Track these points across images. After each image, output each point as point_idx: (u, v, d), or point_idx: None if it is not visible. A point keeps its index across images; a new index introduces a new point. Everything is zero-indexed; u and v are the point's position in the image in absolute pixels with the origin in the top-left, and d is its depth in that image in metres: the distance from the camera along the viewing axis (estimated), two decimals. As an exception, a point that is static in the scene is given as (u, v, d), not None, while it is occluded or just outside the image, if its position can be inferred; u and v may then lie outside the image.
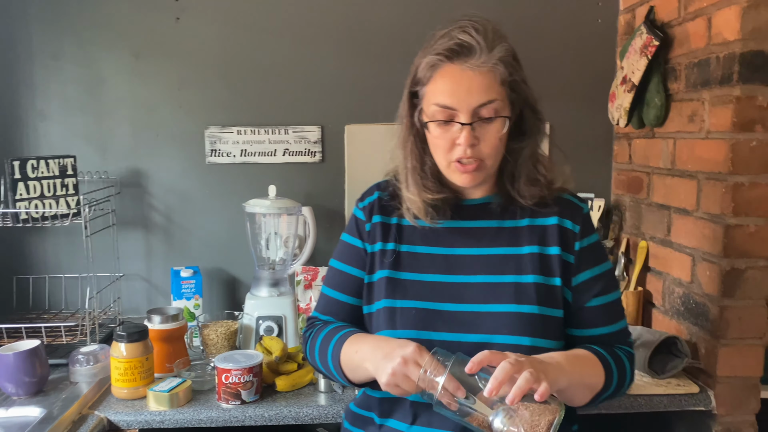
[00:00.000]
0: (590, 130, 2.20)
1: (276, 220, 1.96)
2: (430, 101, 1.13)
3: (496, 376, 0.93)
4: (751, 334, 1.56)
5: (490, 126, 1.11)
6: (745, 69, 1.48)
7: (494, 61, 1.09)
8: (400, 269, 1.20)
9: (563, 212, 1.19)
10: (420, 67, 1.14)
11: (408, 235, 1.22)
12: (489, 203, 1.22)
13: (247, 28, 2.09)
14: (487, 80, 1.09)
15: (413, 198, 1.18)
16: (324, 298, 1.30)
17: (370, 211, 1.25)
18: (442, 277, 1.17)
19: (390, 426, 1.17)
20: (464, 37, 1.09)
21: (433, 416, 1.10)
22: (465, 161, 1.12)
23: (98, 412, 1.50)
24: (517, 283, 1.15)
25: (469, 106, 1.09)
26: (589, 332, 1.20)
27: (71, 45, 2.06)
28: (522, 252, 1.17)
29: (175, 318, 1.71)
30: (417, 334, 1.12)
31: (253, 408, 1.52)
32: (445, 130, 1.12)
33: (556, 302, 1.16)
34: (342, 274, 1.27)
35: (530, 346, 1.10)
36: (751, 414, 1.59)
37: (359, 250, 1.26)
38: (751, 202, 1.52)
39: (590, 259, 1.20)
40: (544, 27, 2.14)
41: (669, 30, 1.79)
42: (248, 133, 2.12)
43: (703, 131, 1.63)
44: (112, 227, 2.03)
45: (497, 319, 1.12)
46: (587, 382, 1.11)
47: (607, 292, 1.20)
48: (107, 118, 2.09)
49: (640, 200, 2.00)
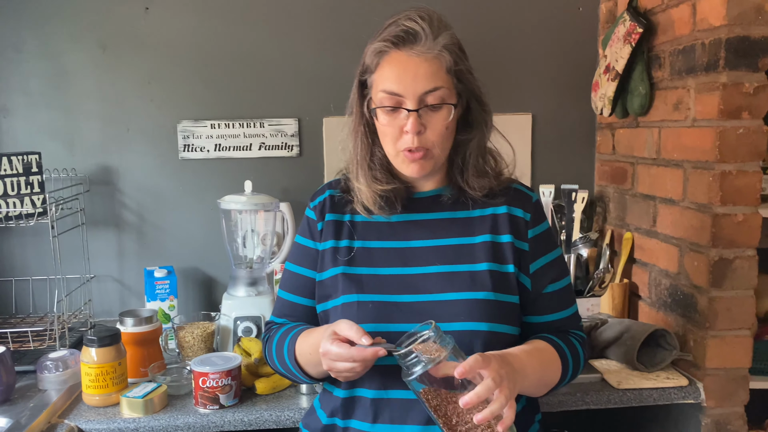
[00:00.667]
0: (572, 121, 2.17)
1: (252, 216, 1.90)
2: (377, 88, 1.14)
3: (478, 392, 0.93)
4: (740, 324, 1.54)
5: (437, 113, 1.12)
6: (732, 55, 1.46)
7: (439, 48, 1.11)
8: (355, 265, 1.20)
9: (513, 201, 1.21)
10: (367, 54, 1.15)
11: (361, 230, 1.23)
12: (440, 195, 1.23)
13: (220, 19, 2.02)
14: (433, 67, 1.10)
15: (363, 189, 1.19)
16: (279, 302, 1.31)
17: (322, 210, 1.26)
18: (397, 270, 1.18)
19: (354, 427, 1.17)
20: (410, 24, 1.11)
21: (394, 412, 1.13)
22: (413, 150, 1.13)
23: (68, 420, 1.43)
24: (472, 271, 1.16)
25: (416, 92, 1.10)
26: (546, 318, 1.23)
27: (34, 37, 1.96)
28: (475, 241, 1.19)
29: (149, 320, 1.64)
30: (375, 327, 1.13)
31: (232, 412, 1.46)
32: (393, 118, 1.13)
33: (511, 288, 1.18)
34: (296, 276, 1.27)
35: (487, 331, 1.12)
36: (740, 405, 1.57)
37: (312, 251, 1.26)
38: (739, 190, 1.49)
39: (544, 246, 1.22)
40: (525, 16, 2.11)
41: (652, 17, 1.76)
42: (222, 127, 2.05)
43: (689, 119, 1.60)
44: (81, 227, 1.95)
45: (454, 307, 1.13)
46: (546, 381, 1.15)
47: (560, 277, 1.24)
48: (74, 113, 2.00)
49: (625, 191, 1.97)
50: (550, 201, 2.11)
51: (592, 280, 1.97)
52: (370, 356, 1.02)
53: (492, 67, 2.11)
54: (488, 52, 2.11)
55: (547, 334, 1.22)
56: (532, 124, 2.15)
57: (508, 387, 0.95)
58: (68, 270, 1.95)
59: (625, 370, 1.63)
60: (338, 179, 1.29)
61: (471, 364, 0.94)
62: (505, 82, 2.13)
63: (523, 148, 2.14)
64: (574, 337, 1.24)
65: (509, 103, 2.14)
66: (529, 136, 2.15)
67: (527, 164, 2.15)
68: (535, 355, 1.13)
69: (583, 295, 1.95)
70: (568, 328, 1.25)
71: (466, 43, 2.15)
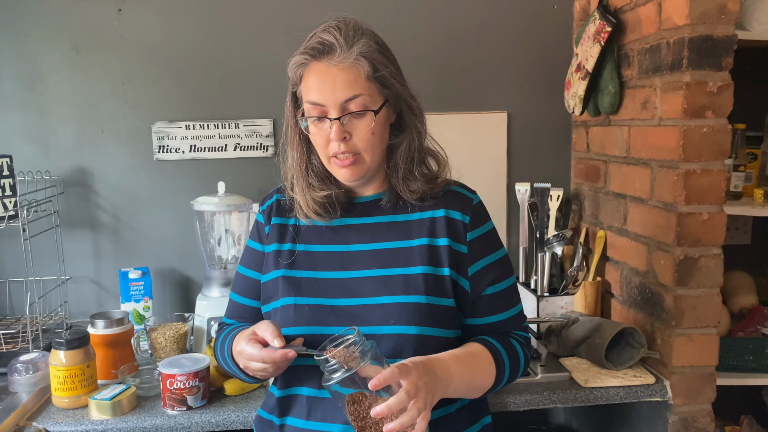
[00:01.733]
0: (548, 119, 2.17)
1: (226, 217, 1.90)
2: (304, 99, 1.17)
3: (390, 405, 0.94)
4: (706, 323, 1.55)
5: (360, 120, 1.14)
6: (695, 54, 1.46)
7: (354, 56, 1.12)
8: (295, 268, 1.22)
9: (451, 204, 1.22)
10: (290, 67, 1.18)
11: (304, 234, 1.25)
12: (379, 199, 1.25)
13: (193, 19, 2.02)
14: (351, 76, 1.12)
15: (299, 197, 1.22)
16: (230, 304, 1.34)
17: (269, 214, 1.29)
18: (336, 274, 1.20)
19: (289, 424, 1.20)
20: (325, 36, 1.13)
21: (326, 411, 1.15)
22: (341, 156, 1.16)
23: (36, 423, 1.44)
24: (406, 275, 1.17)
25: (336, 101, 1.12)
26: (485, 320, 1.23)
27: (6, 38, 1.96)
28: (412, 245, 1.20)
29: (120, 322, 1.65)
30: (310, 329, 1.16)
31: (199, 414, 1.47)
32: (320, 127, 1.16)
33: (446, 292, 1.18)
34: (245, 279, 1.30)
35: (416, 335, 1.13)
36: (707, 403, 1.58)
37: (259, 254, 1.29)
38: (703, 189, 1.50)
39: (483, 248, 1.22)
40: (499, 14, 2.11)
41: (622, 15, 1.76)
42: (197, 128, 2.05)
43: (656, 118, 1.60)
44: (56, 228, 1.95)
45: (386, 311, 1.14)
46: (476, 385, 1.15)
47: (501, 279, 1.23)
48: (48, 115, 2.01)
49: (598, 189, 1.97)
50: (526, 198, 2.12)
51: (566, 278, 1.98)
52: (279, 358, 1.05)
53: (467, 65, 2.12)
54: (463, 50, 2.11)
55: (486, 336, 1.22)
56: (508, 122, 2.15)
57: (423, 399, 0.97)
58: (44, 272, 1.96)
59: (593, 369, 1.63)
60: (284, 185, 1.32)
61: (386, 376, 0.95)
62: (480, 80, 2.13)
63: (498, 146, 2.15)
64: (515, 338, 1.24)
65: (484, 101, 2.14)
66: (504, 134, 2.15)
67: (503, 162, 2.16)
68: (466, 360, 1.13)
69: (557, 293, 1.96)
70: (510, 329, 1.25)
71: (442, 42, 2.16)
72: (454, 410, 1.20)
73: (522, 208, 2.12)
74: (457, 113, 1.25)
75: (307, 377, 1.17)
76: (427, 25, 2.07)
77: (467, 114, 2.10)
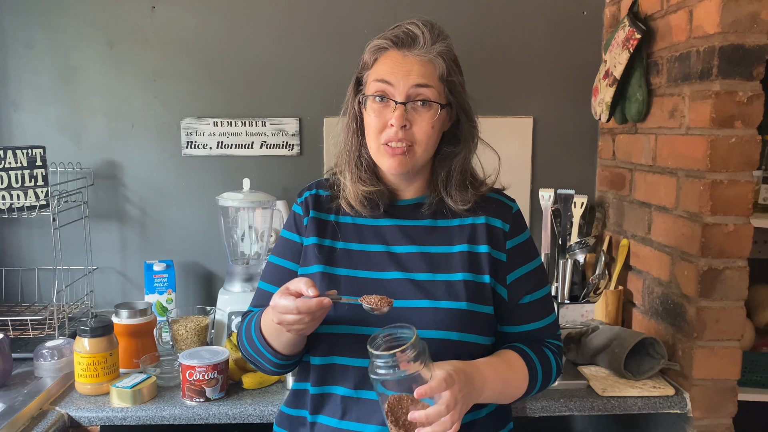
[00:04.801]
0: (575, 125, 2.16)
1: (250, 214, 1.93)
2: (370, 79, 1.18)
3: (429, 415, 0.96)
4: (729, 336, 1.52)
5: (424, 111, 1.14)
6: (725, 63, 1.44)
7: (435, 53, 1.14)
8: (334, 265, 1.21)
9: (491, 211, 1.22)
10: (367, 51, 1.19)
11: (344, 232, 1.24)
12: (421, 203, 1.24)
13: (224, 19, 2.05)
14: (427, 69, 1.14)
15: (348, 186, 1.22)
16: (259, 293, 1.31)
17: (307, 206, 1.27)
18: (375, 274, 1.19)
19: (321, 422, 1.19)
20: (412, 27, 1.15)
21: (362, 411, 1.15)
22: (394, 144, 1.15)
23: (60, 407, 1.47)
24: (448, 280, 1.17)
25: (406, 84, 1.13)
26: (521, 328, 1.23)
27: (44, 33, 2.02)
28: (453, 251, 1.20)
29: (144, 313, 1.68)
30: (350, 329, 1.15)
31: (217, 405, 1.49)
32: (380, 109, 1.15)
33: (486, 299, 1.18)
34: (278, 269, 1.28)
35: (456, 341, 1.13)
36: (727, 417, 1.56)
37: (296, 245, 1.27)
38: (730, 200, 1.48)
39: (522, 257, 1.23)
40: (529, 19, 2.10)
41: (652, 23, 1.75)
42: (225, 125, 2.08)
43: (684, 127, 1.59)
44: (85, 219, 2.00)
45: (427, 315, 1.14)
46: (508, 393, 1.17)
47: (538, 288, 1.24)
48: (81, 108, 2.06)
49: (623, 197, 1.96)
50: (550, 205, 2.10)
51: (587, 286, 1.96)
52: (314, 306, 1.02)
53: (494, 70, 2.11)
54: (491, 54, 2.11)
55: (521, 344, 1.22)
56: (533, 128, 2.14)
57: (459, 411, 0.99)
58: (72, 261, 2.00)
59: (611, 378, 1.62)
60: (326, 178, 1.31)
61: (433, 386, 0.97)
62: (506, 84, 2.12)
63: (523, 151, 2.14)
64: (548, 347, 1.24)
65: (510, 106, 2.13)
66: (529, 139, 2.14)
67: (527, 168, 2.15)
68: (501, 369, 1.14)
69: (578, 301, 1.95)
70: (544, 338, 1.25)
71: (470, 45, 2.17)
72: (484, 414, 1.20)
73: (545, 214, 2.11)
74: (483, 117, 1.24)
75: (343, 377, 1.16)
76: (455, 29, 2.03)
77: (493, 118, 2.10)
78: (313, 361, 1.19)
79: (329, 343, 1.17)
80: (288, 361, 1.19)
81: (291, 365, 1.23)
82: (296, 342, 1.14)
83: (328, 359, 1.17)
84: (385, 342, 1.00)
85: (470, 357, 1.12)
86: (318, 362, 1.18)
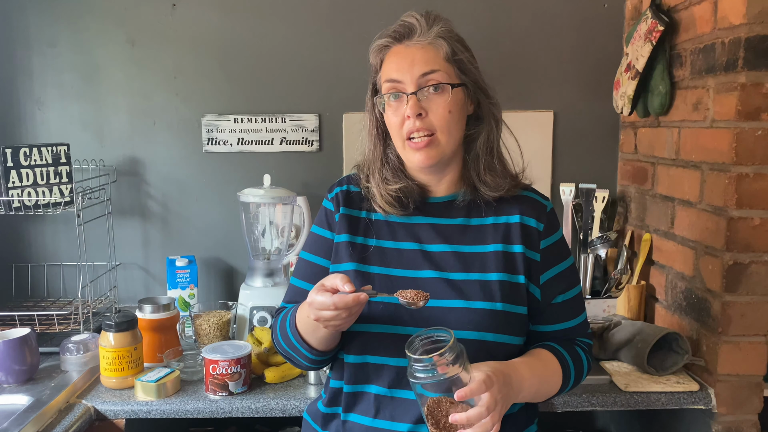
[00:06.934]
0: (596, 119, 2.14)
1: (271, 209, 1.94)
2: (383, 80, 1.18)
3: (469, 416, 0.97)
4: (754, 331, 1.50)
5: (438, 96, 1.14)
6: (751, 54, 1.42)
7: (433, 36, 1.15)
8: (368, 263, 1.20)
9: (526, 210, 1.21)
10: (371, 54, 1.21)
11: (377, 229, 1.23)
12: (454, 200, 1.23)
13: (244, 16, 2.06)
14: (429, 54, 1.14)
15: (374, 189, 1.22)
16: (292, 289, 1.30)
17: (338, 202, 1.26)
18: (409, 272, 1.18)
19: (353, 420, 1.19)
20: (407, 19, 1.17)
21: (395, 409, 1.14)
22: (416, 136, 1.15)
23: (86, 401, 1.50)
24: (482, 280, 1.16)
25: (413, 75, 1.14)
26: (553, 328, 1.23)
27: (67, 32, 2.04)
28: (487, 250, 1.18)
29: (167, 307, 1.70)
30: (384, 328, 1.15)
31: (240, 399, 1.50)
32: (396, 106, 1.16)
33: (521, 299, 1.17)
34: (310, 265, 1.27)
35: (493, 342, 1.13)
36: (753, 413, 1.54)
37: (328, 241, 1.26)
38: (756, 193, 1.46)
39: (555, 257, 1.22)
40: (549, 12, 2.08)
41: (675, 14, 1.73)
42: (245, 121, 2.10)
43: (708, 120, 1.56)
44: (108, 215, 2.02)
45: (462, 315, 1.13)
46: (543, 392, 1.17)
47: (570, 287, 1.23)
48: (104, 105, 2.08)
49: (645, 191, 1.94)
50: (571, 199, 2.09)
51: (609, 281, 1.95)
52: (351, 301, 1.01)
53: (514, 63, 2.10)
54: (511, 48, 2.09)
55: (553, 342, 1.21)
56: (554, 122, 2.13)
57: (499, 412, 1.00)
58: (96, 257, 2.03)
59: (635, 373, 1.61)
60: (357, 174, 1.29)
61: (473, 389, 0.97)
62: (527, 78, 2.11)
63: (544, 145, 2.12)
64: (580, 345, 1.25)
65: (531, 100, 2.12)
66: (550, 133, 2.13)
67: (548, 162, 2.13)
68: (537, 369, 1.14)
69: (600, 296, 1.94)
70: (575, 336, 1.25)
71: (490, 39, 2.15)
72: (516, 410, 1.19)
73: (566, 208, 2.10)
74: (503, 111, 1.24)
75: (377, 376, 1.16)
76: (475, 23, 2.06)
77: (513, 112, 2.09)
78: (347, 359, 1.19)
79: (363, 341, 1.17)
80: (323, 356, 1.19)
81: (325, 361, 1.22)
82: (332, 338, 1.14)
83: (362, 358, 1.17)
84: (423, 345, 1.00)
85: (504, 357, 1.12)
86: (352, 360, 1.18)
